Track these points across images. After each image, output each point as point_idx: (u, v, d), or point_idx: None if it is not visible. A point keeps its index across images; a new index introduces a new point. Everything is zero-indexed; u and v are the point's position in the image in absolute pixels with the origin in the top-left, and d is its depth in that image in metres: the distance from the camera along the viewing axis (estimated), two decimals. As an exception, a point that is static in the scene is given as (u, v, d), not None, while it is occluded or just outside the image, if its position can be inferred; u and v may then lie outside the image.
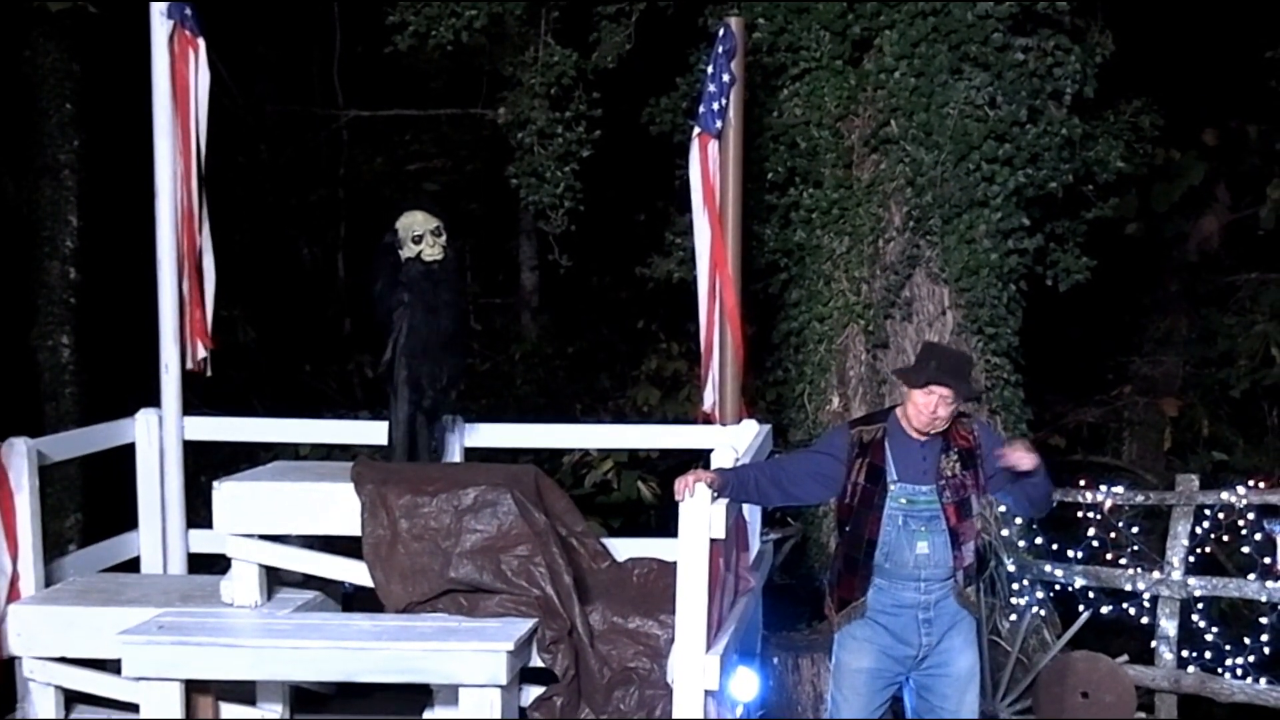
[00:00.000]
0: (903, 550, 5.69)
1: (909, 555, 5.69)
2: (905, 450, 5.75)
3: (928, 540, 5.68)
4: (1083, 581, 8.44)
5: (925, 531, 5.69)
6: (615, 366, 13.14)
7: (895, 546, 5.69)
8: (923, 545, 5.68)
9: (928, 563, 5.70)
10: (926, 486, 5.72)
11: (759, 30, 8.76)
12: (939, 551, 5.69)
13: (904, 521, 5.69)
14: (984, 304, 8.62)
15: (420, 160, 14.56)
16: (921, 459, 5.73)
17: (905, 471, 5.73)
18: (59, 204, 10.84)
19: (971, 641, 5.87)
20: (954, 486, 5.72)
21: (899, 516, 5.69)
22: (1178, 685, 8.28)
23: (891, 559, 5.70)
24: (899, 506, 5.70)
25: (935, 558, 5.70)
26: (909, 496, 5.70)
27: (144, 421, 6.98)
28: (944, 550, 5.70)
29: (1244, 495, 8.30)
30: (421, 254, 6.45)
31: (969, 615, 5.85)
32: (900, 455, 5.74)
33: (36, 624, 5.92)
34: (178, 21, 6.87)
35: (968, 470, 5.75)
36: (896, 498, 5.71)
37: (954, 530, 5.70)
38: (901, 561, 5.70)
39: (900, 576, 5.72)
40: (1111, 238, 10.73)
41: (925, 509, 5.70)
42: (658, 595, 6.05)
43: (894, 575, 5.72)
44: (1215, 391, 12.20)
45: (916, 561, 5.69)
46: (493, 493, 5.98)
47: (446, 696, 5.66)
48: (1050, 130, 8.65)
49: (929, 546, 5.68)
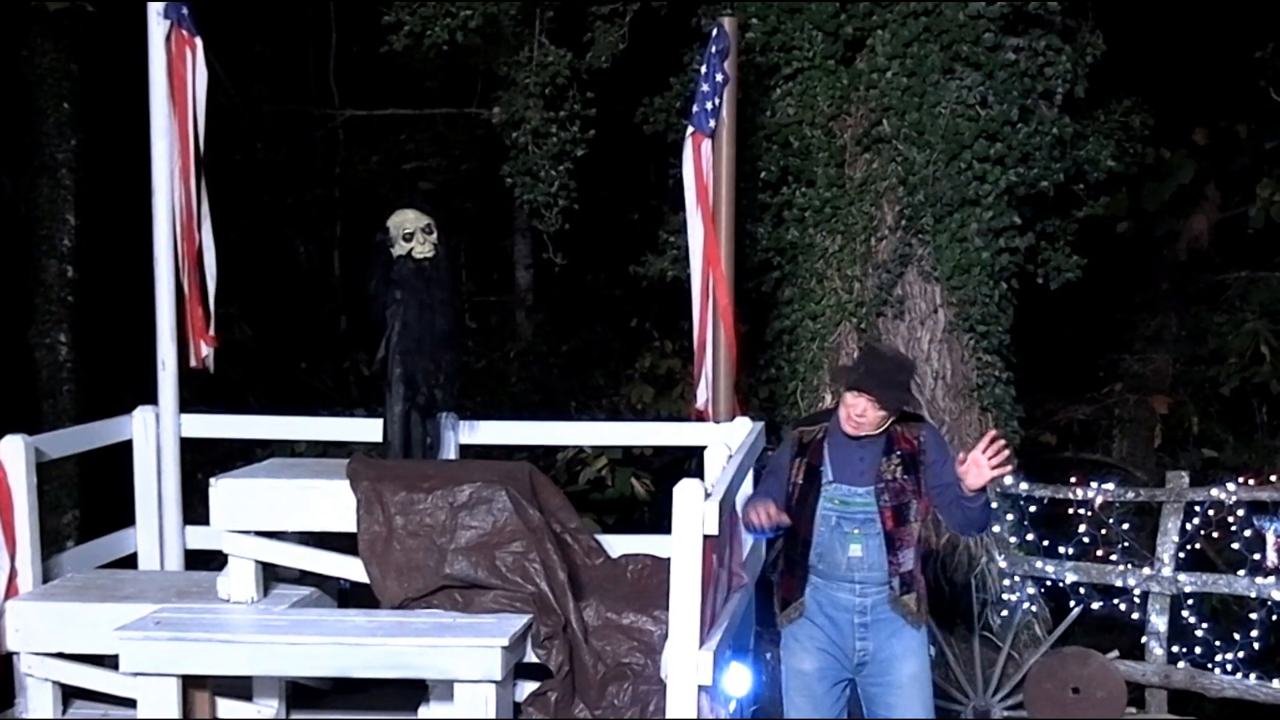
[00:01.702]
0: (835, 552, 5.68)
1: (841, 557, 5.67)
2: (844, 451, 5.73)
3: (861, 543, 5.65)
4: (1073, 577, 8.46)
5: (859, 534, 5.66)
6: (609, 364, 13.16)
7: (828, 547, 5.68)
8: (856, 548, 5.66)
9: (861, 565, 5.67)
10: (864, 488, 5.68)
11: (752, 30, 8.78)
12: (873, 555, 5.66)
13: (837, 522, 5.68)
14: (975, 302, 8.65)
15: (416, 159, 14.59)
16: (859, 460, 5.70)
17: (841, 472, 5.71)
18: (57, 203, 10.87)
19: (914, 649, 5.80)
20: (893, 490, 5.67)
21: (832, 517, 5.68)
22: (1168, 681, 8.30)
23: (824, 559, 5.70)
24: (832, 507, 5.68)
25: (869, 560, 5.66)
26: (843, 497, 5.68)
27: (141, 419, 6.97)
28: (878, 554, 5.66)
29: (1234, 492, 8.32)
30: (412, 252, 6.43)
31: (912, 625, 5.77)
32: (838, 456, 5.73)
33: (34, 620, 5.91)
34: (175, 21, 6.84)
35: (909, 475, 5.69)
36: (830, 498, 5.69)
37: (890, 535, 5.66)
38: (835, 563, 5.69)
39: (834, 578, 5.71)
40: (1102, 236, 10.76)
41: (860, 511, 5.67)
42: (651, 591, 6.05)
43: (828, 576, 5.71)
44: (1205, 389, 12.25)
45: (850, 564, 5.67)
46: (488, 489, 5.97)
47: (442, 692, 5.66)
48: (1041, 130, 8.68)
49: (863, 550, 5.66)
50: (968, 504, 5.58)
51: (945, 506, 5.75)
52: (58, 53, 10.70)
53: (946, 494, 5.69)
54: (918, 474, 5.70)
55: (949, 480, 5.68)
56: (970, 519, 5.70)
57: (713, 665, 4.88)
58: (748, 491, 6.64)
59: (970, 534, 6.03)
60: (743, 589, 5.91)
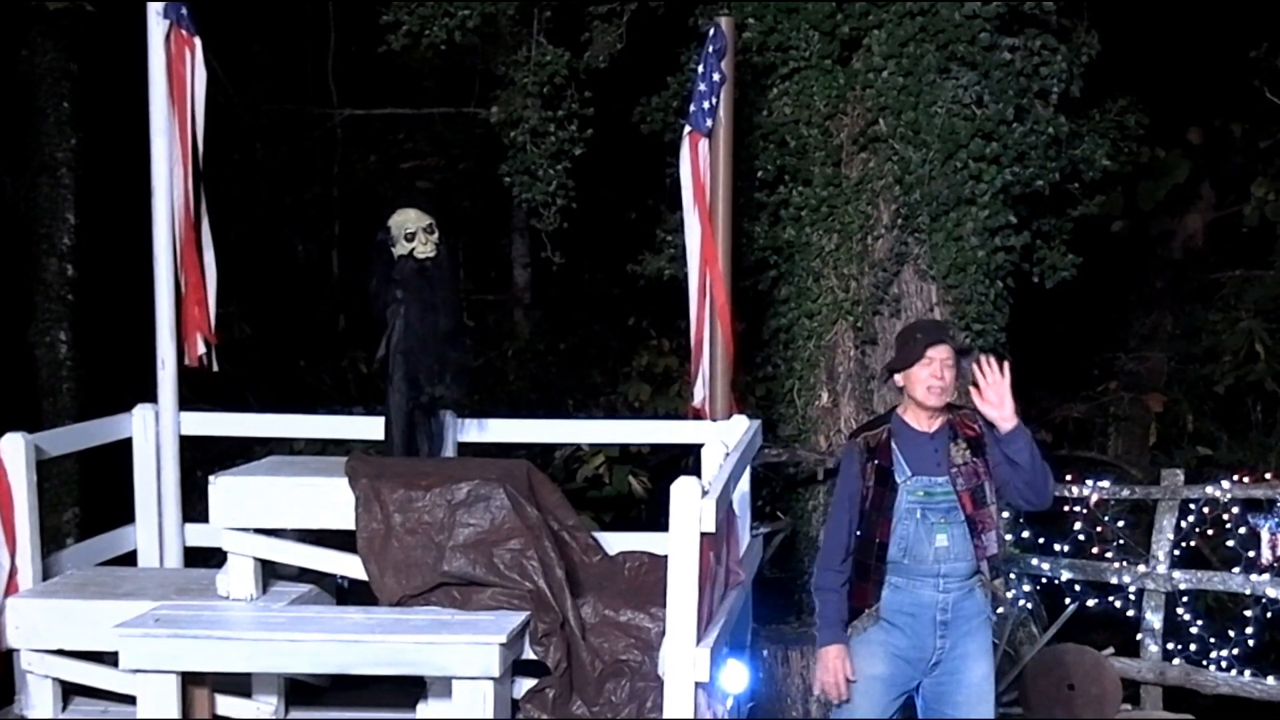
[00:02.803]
0: (922, 544, 5.64)
1: (928, 549, 5.63)
2: (914, 445, 5.73)
3: (946, 532, 5.63)
4: (1069, 575, 8.51)
5: (944, 524, 5.64)
6: (607, 362, 13.16)
7: (914, 541, 5.64)
8: (942, 538, 5.63)
9: (948, 556, 5.64)
10: (941, 477, 5.68)
11: (749, 30, 8.81)
12: (959, 544, 5.64)
13: (922, 515, 5.65)
14: (971, 301, 8.68)
15: (414, 158, 14.59)
16: (933, 450, 5.71)
17: (918, 465, 5.70)
18: (56, 202, 10.88)
19: (986, 650, 5.80)
20: (966, 474, 5.68)
21: (916, 510, 5.65)
22: (1163, 677, 8.35)
23: (910, 554, 5.65)
24: (916, 500, 5.66)
25: (955, 550, 5.64)
26: (925, 489, 5.67)
27: (140, 417, 6.97)
28: (964, 542, 5.64)
29: (1228, 490, 8.37)
30: (414, 251, 6.43)
31: (985, 620, 5.77)
32: (910, 450, 5.72)
33: (34, 617, 5.91)
34: (174, 21, 6.84)
35: (978, 458, 5.71)
36: (913, 490, 5.67)
37: (971, 519, 5.65)
38: (921, 556, 5.64)
39: (919, 574, 5.65)
40: (1097, 235, 10.78)
41: (942, 500, 5.66)
42: (649, 588, 6.05)
43: (912, 573, 5.65)
44: (1200, 387, 12.28)
45: (936, 555, 5.63)
46: (486, 487, 5.98)
47: (440, 688, 5.66)
48: (1037, 129, 8.71)
49: (948, 539, 5.63)
50: (1011, 449, 5.63)
51: (1005, 484, 5.76)
52: (57, 52, 10.70)
53: (1002, 471, 5.73)
54: (985, 456, 5.72)
55: (1001, 458, 5.73)
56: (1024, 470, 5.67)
57: (710, 662, 4.90)
58: (744, 490, 6.68)
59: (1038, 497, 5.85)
60: (740, 586, 5.92)
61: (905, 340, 5.81)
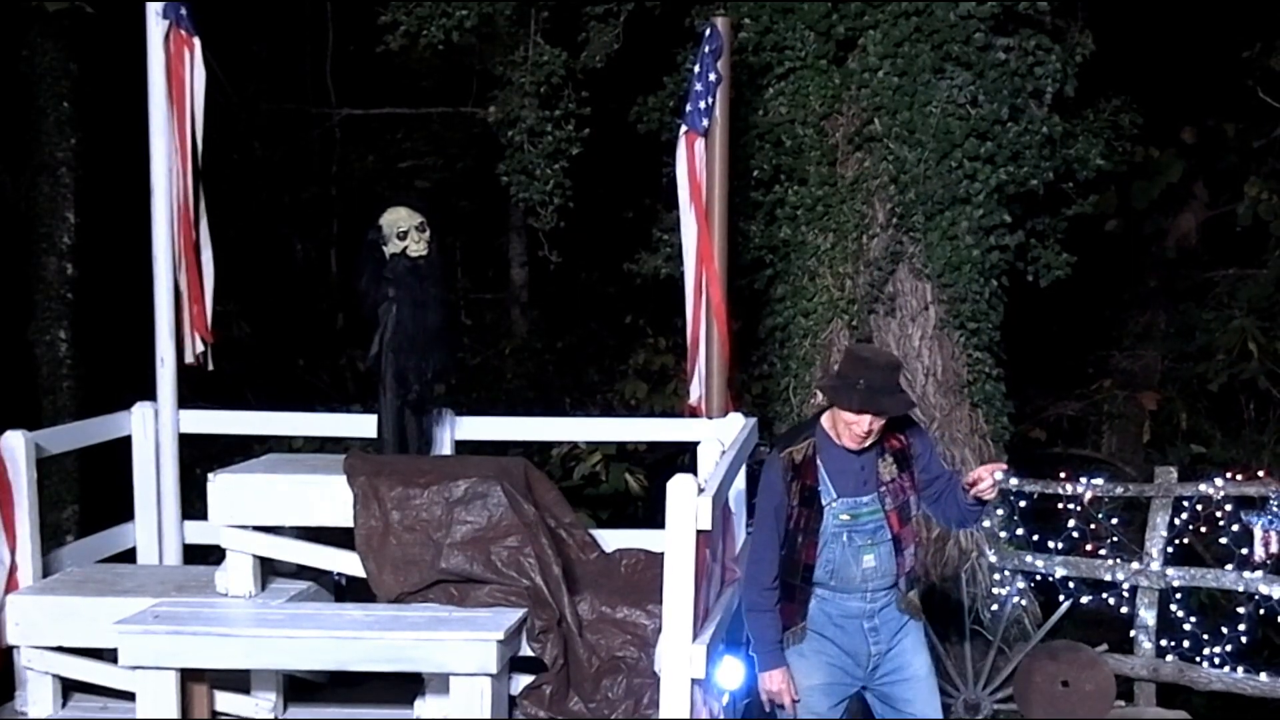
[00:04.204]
0: (849, 567, 5.52)
1: (855, 570, 5.52)
2: (840, 461, 5.52)
3: (874, 553, 5.52)
4: (1063, 572, 8.51)
5: (870, 545, 5.51)
6: (603, 361, 13.19)
7: (841, 564, 5.52)
8: (869, 559, 5.52)
9: (874, 574, 5.54)
10: (868, 496, 5.52)
11: (745, 30, 8.83)
12: (885, 562, 5.53)
13: (849, 538, 5.51)
14: (966, 299, 8.70)
15: (412, 158, 14.60)
16: (860, 468, 5.52)
17: (844, 485, 5.51)
18: (56, 201, 10.88)
19: (922, 643, 5.74)
20: (894, 491, 5.54)
21: (843, 533, 5.50)
22: (1156, 674, 8.35)
23: (838, 576, 5.54)
24: (842, 524, 5.50)
25: (882, 568, 5.53)
26: (851, 510, 5.51)
27: (140, 415, 7.02)
28: (889, 560, 5.54)
29: (1221, 487, 8.35)
30: (407, 250, 6.45)
31: (913, 620, 5.70)
32: (835, 468, 5.52)
33: (34, 614, 5.95)
34: (173, 21, 6.89)
35: (904, 472, 5.57)
36: (838, 514, 5.50)
37: (897, 537, 5.54)
38: (848, 577, 5.53)
39: (846, 590, 5.56)
40: (1091, 234, 10.80)
41: (869, 520, 5.52)
42: (645, 585, 6.09)
43: (840, 589, 5.56)
44: (1193, 385, 12.29)
45: (864, 576, 5.53)
46: (483, 485, 6.01)
47: (437, 685, 5.70)
48: (1031, 128, 8.73)
49: (875, 559, 5.52)
50: (969, 509, 5.59)
51: (935, 501, 5.68)
52: (57, 52, 10.70)
53: (936, 487, 5.65)
54: (911, 470, 5.60)
55: (937, 472, 5.68)
56: (967, 519, 5.72)
57: (706, 659, 4.92)
58: (740, 487, 6.70)
59: (964, 528, 5.93)
60: (735, 583, 5.94)
61: (849, 374, 5.44)
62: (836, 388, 5.44)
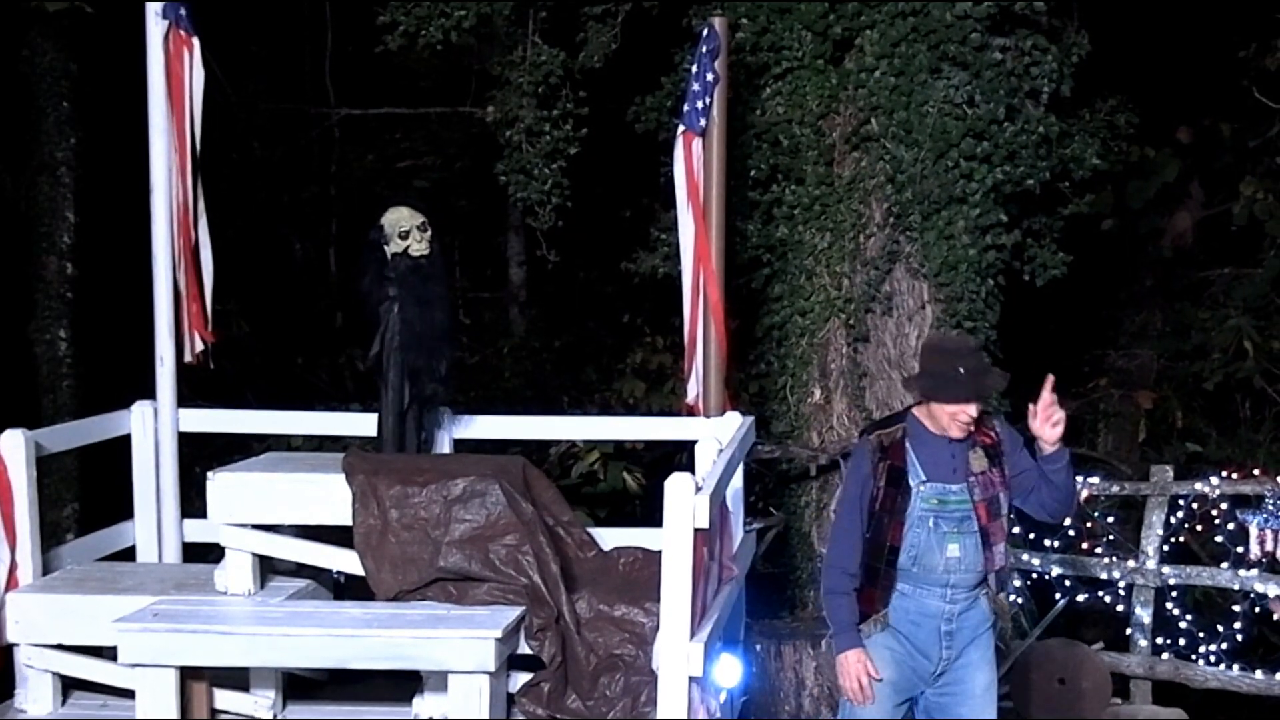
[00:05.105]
0: (933, 553, 5.48)
1: (939, 559, 5.48)
2: (931, 449, 5.53)
3: (959, 543, 5.47)
4: (1059, 570, 8.55)
5: (957, 533, 5.47)
6: (601, 360, 13.21)
7: (925, 550, 5.48)
8: (954, 548, 5.47)
9: (958, 566, 5.48)
10: (957, 485, 5.49)
11: (742, 30, 8.83)
12: (970, 554, 5.48)
13: (935, 523, 5.48)
14: (962, 298, 8.71)
15: (410, 157, 14.63)
16: (950, 456, 5.51)
17: (934, 470, 5.51)
18: (56, 200, 10.91)
19: (989, 657, 5.68)
20: (983, 484, 5.50)
21: (929, 518, 5.48)
22: (1152, 672, 8.39)
23: (920, 563, 5.49)
24: (929, 508, 5.48)
25: (966, 561, 5.48)
26: (940, 496, 5.49)
27: (139, 413, 7.01)
28: (975, 553, 5.48)
29: (1217, 486, 8.39)
30: (409, 249, 6.46)
31: (989, 629, 5.64)
32: (926, 454, 5.52)
33: (34, 612, 5.95)
34: (172, 21, 6.88)
35: (994, 467, 5.53)
36: (927, 498, 5.49)
37: (985, 530, 5.49)
38: (931, 565, 5.48)
39: (927, 582, 5.51)
40: (1087, 233, 10.80)
41: (956, 509, 5.48)
42: (643, 583, 6.09)
43: (921, 581, 5.51)
44: (1189, 384, 12.29)
45: (947, 565, 5.48)
46: (481, 483, 6.02)
47: (436, 682, 5.71)
48: (1028, 128, 8.74)
49: (960, 549, 5.47)
50: (1051, 468, 5.49)
51: (1028, 494, 5.63)
52: (57, 52, 10.72)
53: (1026, 480, 5.60)
54: (1001, 465, 5.56)
55: (1026, 466, 5.61)
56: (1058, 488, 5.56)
57: (703, 657, 4.91)
58: (737, 486, 6.71)
59: (1064, 511, 5.75)
60: (733, 581, 5.93)
61: (945, 368, 5.46)
62: (936, 385, 5.47)
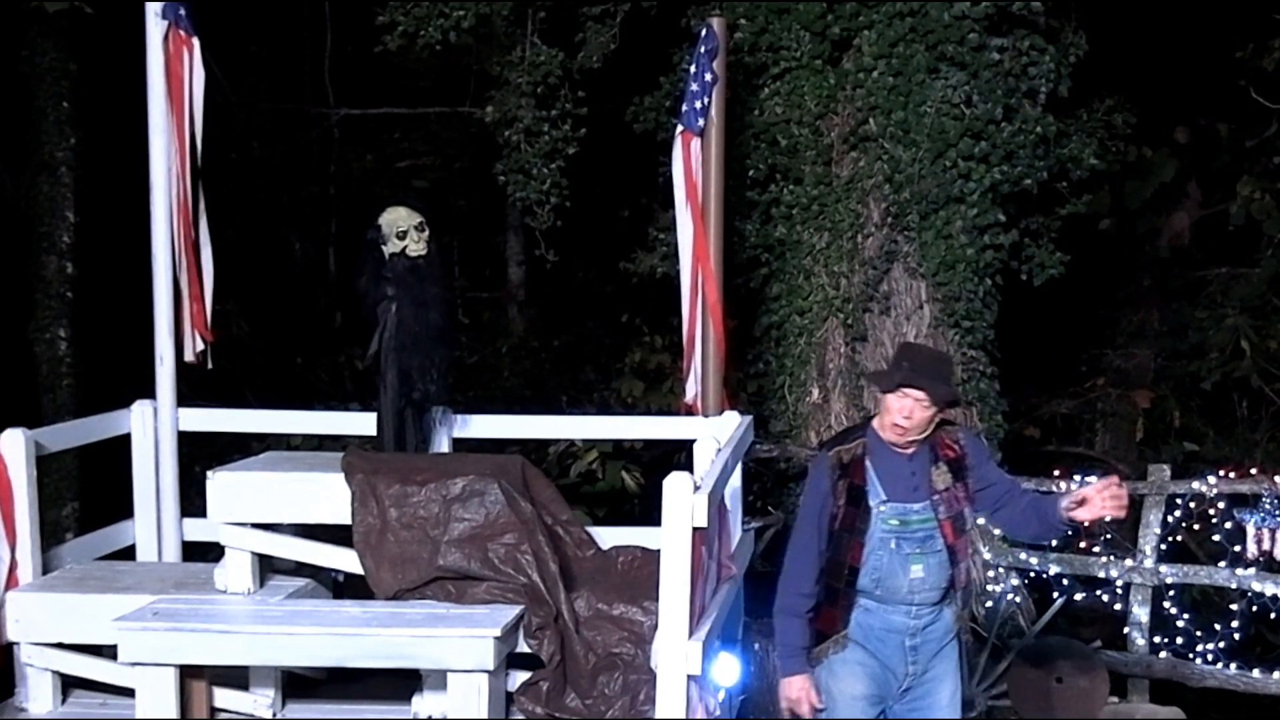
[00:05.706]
0: (896, 575, 5.32)
1: (903, 580, 5.32)
2: (891, 466, 5.35)
3: (923, 563, 5.31)
4: (1057, 569, 8.54)
5: (920, 554, 5.31)
6: (600, 359, 13.22)
7: (888, 572, 5.33)
8: (917, 569, 5.32)
9: (922, 586, 5.33)
10: (919, 504, 5.33)
11: (741, 30, 8.87)
12: (934, 574, 5.33)
13: (897, 545, 5.31)
14: (960, 298, 8.74)
15: (410, 157, 14.65)
16: (911, 474, 5.35)
17: (894, 489, 5.33)
18: (56, 200, 10.93)
19: (955, 668, 5.55)
20: (947, 500, 5.34)
21: (891, 539, 5.31)
22: (1150, 670, 8.38)
23: (883, 585, 5.34)
24: (890, 529, 5.31)
25: (930, 580, 5.33)
26: (900, 516, 5.32)
27: (139, 413, 7.02)
28: (939, 572, 5.34)
29: (1214, 485, 8.38)
30: (406, 249, 6.47)
31: (954, 640, 5.51)
32: (886, 472, 5.35)
33: (34, 610, 5.95)
34: (172, 21, 6.89)
35: (958, 482, 5.36)
36: (887, 519, 5.31)
37: (951, 548, 5.33)
38: (894, 587, 5.34)
39: (891, 601, 5.36)
40: (1085, 233, 10.82)
41: (919, 528, 5.32)
42: (642, 582, 6.08)
43: (885, 600, 5.36)
44: (1186, 383, 12.31)
45: (910, 586, 5.32)
46: (480, 482, 6.03)
47: (435, 681, 5.72)
48: (1025, 128, 8.77)
49: (924, 569, 5.32)
50: (1055, 524, 5.33)
51: (996, 509, 5.51)
52: (57, 52, 10.74)
53: (994, 494, 5.47)
54: (965, 480, 5.39)
55: (994, 479, 5.50)
56: (1048, 530, 5.45)
57: (702, 655, 4.90)
58: (736, 485, 6.72)
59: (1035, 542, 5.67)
60: (732, 580, 5.92)
61: (896, 361, 5.42)
62: (879, 372, 5.48)
